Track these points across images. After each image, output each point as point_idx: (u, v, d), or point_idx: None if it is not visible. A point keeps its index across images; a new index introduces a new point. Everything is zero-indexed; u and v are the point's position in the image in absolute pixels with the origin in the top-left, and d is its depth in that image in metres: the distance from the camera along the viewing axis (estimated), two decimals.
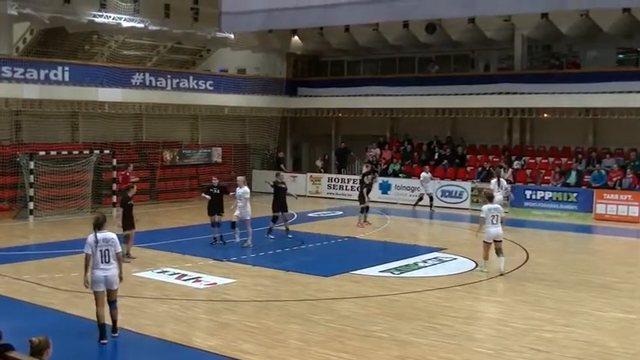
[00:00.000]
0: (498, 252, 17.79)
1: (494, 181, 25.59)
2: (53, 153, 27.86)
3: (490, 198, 18.43)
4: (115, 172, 28.88)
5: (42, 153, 27.42)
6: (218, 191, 21.78)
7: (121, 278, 12.35)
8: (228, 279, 17.03)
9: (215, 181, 22.24)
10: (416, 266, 18.72)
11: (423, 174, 31.20)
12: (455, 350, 11.71)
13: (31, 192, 26.60)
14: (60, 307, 14.25)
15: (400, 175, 34.10)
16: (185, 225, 25.71)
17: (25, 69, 27.81)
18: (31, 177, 26.61)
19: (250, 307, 14.56)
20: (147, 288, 16.30)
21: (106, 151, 29.55)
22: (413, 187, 32.66)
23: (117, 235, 12.73)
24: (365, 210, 25.78)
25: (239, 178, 22.23)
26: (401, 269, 18.24)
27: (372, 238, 23.66)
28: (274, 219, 22.91)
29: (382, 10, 21.87)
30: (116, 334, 12.48)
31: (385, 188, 33.32)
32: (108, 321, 12.33)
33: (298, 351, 11.64)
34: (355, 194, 32.56)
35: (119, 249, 12.41)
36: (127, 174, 27.00)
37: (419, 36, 33.96)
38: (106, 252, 12.12)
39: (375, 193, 32.90)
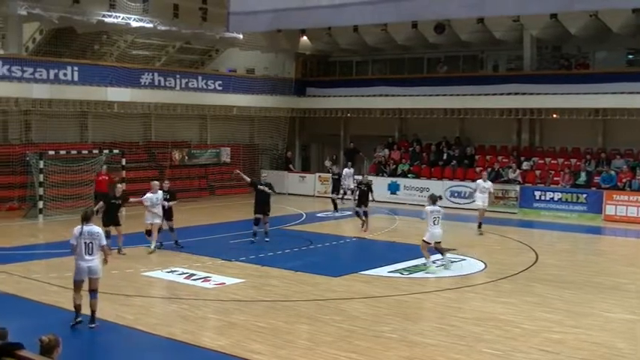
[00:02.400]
0: (442, 252, 18.50)
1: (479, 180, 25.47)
2: (62, 152, 27.96)
3: (434, 200, 18.63)
4: (123, 172, 28.93)
5: (51, 152, 27.50)
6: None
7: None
8: (237, 279, 17.04)
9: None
10: (425, 267, 18.67)
11: (347, 170, 31.22)
12: (464, 351, 11.69)
13: (41, 191, 26.67)
14: (69, 306, 14.22)
15: (409, 175, 34.07)
16: (194, 225, 25.71)
17: (34, 69, 27.88)
18: (41, 176, 26.68)
19: (259, 307, 14.57)
20: (156, 287, 16.35)
21: (115, 151, 29.61)
22: (421, 187, 32.65)
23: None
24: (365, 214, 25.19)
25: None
26: (410, 270, 18.22)
27: (380, 239, 23.65)
28: (255, 221, 22.06)
29: (391, 11, 21.81)
30: (93, 325, 12.86)
31: (394, 189, 33.30)
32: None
33: (307, 351, 11.64)
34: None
35: (104, 242, 13.05)
36: (102, 177, 26.49)
37: (428, 36, 33.91)
38: (90, 244, 12.82)
39: (384, 194, 32.97)
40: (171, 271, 17.75)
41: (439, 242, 18.23)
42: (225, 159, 35.31)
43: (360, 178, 27.01)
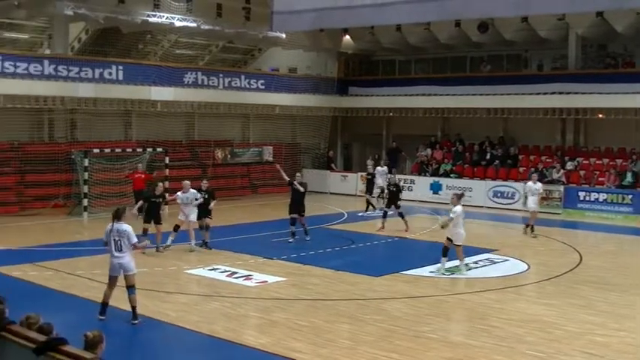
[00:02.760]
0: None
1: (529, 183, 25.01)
2: (107, 151, 28.29)
3: (460, 198, 18.52)
4: (166, 171, 29.16)
5: (96, 150, 27.84)
6: (302, 189, 21.84)
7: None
8: (279, 277, 17.10)
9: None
10: (467, 267, 18.57)
11: (379, 168, 30.99)
12: (506, 353, 11.59)
13: (85, 189, 27.00)
14: (112, 302, 14.40)
15: (451, 175, 33.88)
16: (236, 223, 25.86)
17: (80, 68, 28.28)
18: (86, 174, 27.01)
19: (300, 305, 14.60)
20: (198, 285, 16.47)
21: (159, 149, 29.88)
22: (464, 187, 32.36)
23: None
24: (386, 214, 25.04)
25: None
26: (452, 270, 18.10)
27: (422, 239, 23.55)
28: (292, 222, 22.09)
29: (434, 9, 21.70)
30: (136, 322, 13.03)
31: (436, 188, 33.14)
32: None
33: (348, 350, 11.63)
34: (407, 194, 32.50)
35: (133, 240, 13.15)
36: (137, 175, 26.65)
37: (471, 35, 33.70)
38: (119, 242, 13.05)
39: (426, 193, 32.85)
40: (214, 269, 17.86)
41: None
42: (268, 158, 35.41)
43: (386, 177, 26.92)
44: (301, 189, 21.91)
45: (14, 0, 27.07)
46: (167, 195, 21.64)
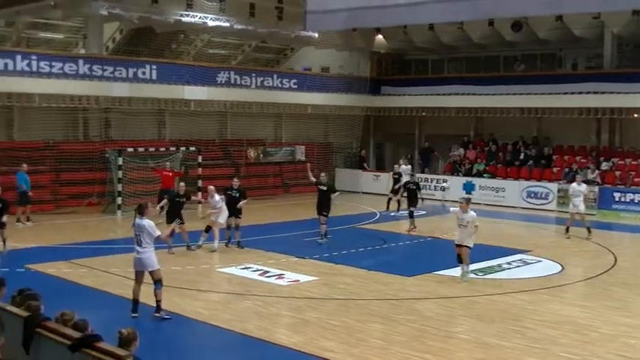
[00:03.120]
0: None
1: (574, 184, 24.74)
2: (141, 149, 28.50)
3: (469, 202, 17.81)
4: (200, 169, 29.31)
5: (130, 149, 28.06)
6: (326, 188, 21.88)
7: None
8: (311, 276, 17.11)
9: (323, 178, 22.33)
10: (500, 268, 18.47)
11: (403, 167, 31.15)
12: (539, 354, 11.50)
13: (119, 187, 27.23)
14: (145, 299, 14.50)
15: (484, 175, 33.68)
16: (268, 222, 25.92)
17: (114, 67, 28.55)
18: (120, 173, 27.24)
19: (332, 305, 14.60)
20: (231, 284, 16.53)
21: (192, 148, 30.04)
22: (497, 187, 32.29)
23: None
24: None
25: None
26: (484, 271, 18.02)
27: (455, 239, 23.38)
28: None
29: (467, 8, 21.58)
30: (158, 315, 13.22)
31: (469, 188, 32.94)
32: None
33: (380, 350, 11.61)
34: (439, 194, 32.42)
35: (156, 233, 13.33)
36: (165, 173, 26.68)
37: (505, 34, 33.47)
38: (139, 236, 13.24)
39: (459, 194, 32.64)
40: (246, 268, 17.92)
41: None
42: (300, 157, 35.45)
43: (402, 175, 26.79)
44: (325, 189, 21.90)
45: (50, 0, 27.35)
46: (193, 196, 21.69)
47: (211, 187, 20.87)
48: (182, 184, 21.28)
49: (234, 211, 20.54)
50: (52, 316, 7.51)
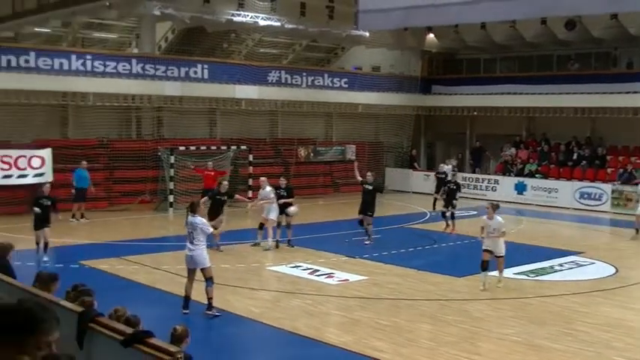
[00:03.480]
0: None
1: None
2: (192, 148, 28.74)
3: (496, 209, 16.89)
4: (250, 168, 29.47)
5: (181, 148, 28.33)
6: (371, 188, 21.84)
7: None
8: (360, 276, 17.09)
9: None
10: (552, 269, 18.24)
11: (443, 165, 31.02)
12: (592, 358, 11.34)
13: (171, 185, 27.50)
14: (196, 297, 14.63)
15: (536, 175, 33.29)
16: (318, 221, 25.96)
17: (166, 67, 28.90)
18: (171, 171, 27.52)
19: (382, 304, 14.56)
20: (281, 282, 16.58)
21: (243, 147, 30.21)
22: (550, 188, 31.89)
23: None
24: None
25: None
26: (536, 272, 17.82)
27: (506, 240, 23.13)
28: (360, 222, 21.96)
29: (521, 7, 21.36)
30: (210, 312, 13.27)
31: (521, 189, 32.61)
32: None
33: (429, 351, 11.56)
34: (490, 194, 32.11)
35: (209, 230, 13.57)
36: (207, 172, 26.78)
37: (558, 33, 33.02)
38: (191, 234, 13.40)
39: (511, 194, 32.38)
40: (296, 267, 17.97)
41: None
42: (350, 156, 35.40)
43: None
44: (370, 188, 21.82)
45: (106, 1, 27.74)
46: (237, 195, 21.77)
47: (263, 178, 21.08)
48: (225, 182, 21.30)
49: (283, 210, 20.62)
50: (104, 311, 7.60)
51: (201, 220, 13.46)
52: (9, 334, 4.12)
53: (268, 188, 20.53)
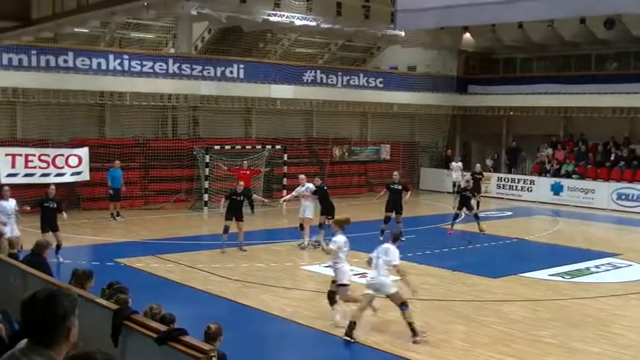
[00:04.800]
0: None
1: None
2: (227, 147, 28.87)
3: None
4: (285, 167, 29.54)
5: (217, 147, 28.46)
6: (400, 187, 21.84)
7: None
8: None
9: (396, 177, 22.32)
10: (588, 271, 18.05)
11: (454, 163, 32.00)
12: None
13: (206, 184, 27.64)
14: (231, 296, 14.74)
15: (573, 176, 32.95)
16: (353, 221, 25.82)
17: (202, 67, 29.11)
18: (207, 170, 27.66)
19: (415, 305, 14.47)
20: (314, 281, 16.60)
21: (278, 147, 30.27)
22: (586, 188, 31.55)
23: None
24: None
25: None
26: (572, 274, 17.64)
27: (541, 241, 23.01)
28: (385, 219, 22.09)
29: (561, 6, 21.07)
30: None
31: (557, 189, 32.32)
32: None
33: (463, 352, 11.51)
34: (526, 195, 31.90)
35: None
36: (243, 172, 26.85)
37: (596, 32, 32.65)
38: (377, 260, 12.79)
39: (547, 194, 32.10)
40: (329, 266, 17.92)
41: None
42: (385, 156, 35.38)
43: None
44: (399, 187, 22.07)
45: (144, 1, 27.92)
46: (254, 195, 21.85)
47: (302, 176, 21.16)
48: (241, 182, 21.26)
49: (325, 211, 20.65)
50: (138, 309, 7.68)
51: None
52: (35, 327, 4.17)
53: (307, 184, 20.59)
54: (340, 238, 13.37)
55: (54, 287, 4.60)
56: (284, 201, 22.95)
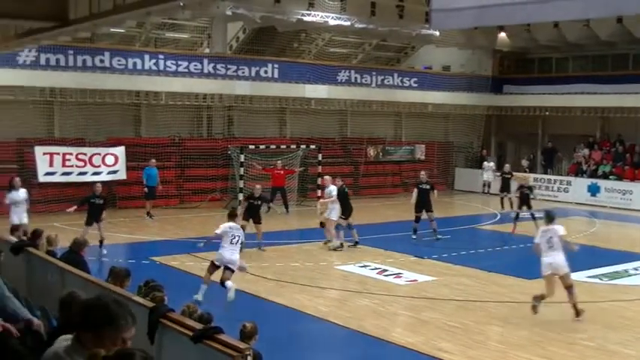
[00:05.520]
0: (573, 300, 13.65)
1: None
2: (262, 147, 28.95)
3: (551, 219, 14.45)
4: (319, 167, 29.56)
5: (251, 147, 28.54)
6: (428, 187, 21.81)
7: None
8: (429, 276, 16.98)
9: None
10: (626, 273, 17.83)
11: (485, 163, 32.71)
12: None
13: (241, 184, 27.74)
14: (265, 295, 14.76)
15: (610, 177, 32.57)
16: (387, 221, 25.88)
17: (237, 66, 29.24)
18: (241, 169, 27.75)
19: (450, 305, 14.43)
20: (349, 281, 16.57)
21: (312, 146, 30.28)
22: (624, 190, 31.16)
23: None
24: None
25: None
26: (610, 276, 17.43)
27: (578, 242, 22.71)
28: (416, 219, 22.10)
29: (600, 5, 20.84)
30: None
31: (594, 190, 31.96)
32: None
33: (498, 353, 11.42)
34: (563, 196, 31.62)
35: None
36: (276, 172, 26.94)
37: (634, 31, 32.23)
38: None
39: (584, 195, 31.79)
40: (364, 266, 17.95)
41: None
42: (420, 156, 35.26)
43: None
44: (427, 187, 22.11)
45: (180, 1, 28.10)
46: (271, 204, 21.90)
47: (327, 177, 21.14)
48: (258, 186, 21.16)
49: (345, 211, 20.59)
50: (174, 306, 7.72)
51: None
52: (87, 329, 4.24)
53: (332, 186, 20.53)
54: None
55: (109, 294, 4.71)
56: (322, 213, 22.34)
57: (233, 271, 14.00)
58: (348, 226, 20.57)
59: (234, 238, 14.07)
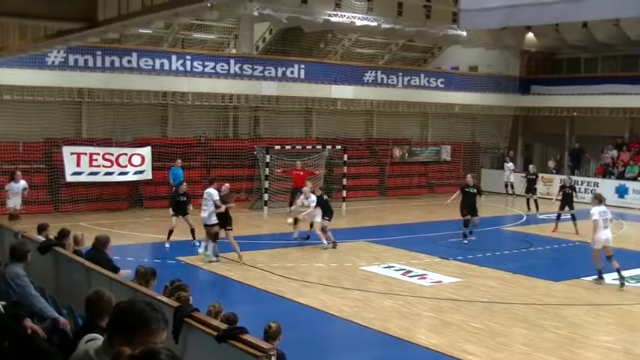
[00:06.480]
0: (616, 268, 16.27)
1: None
2: (288, 147, 29.00)
3: (600, 200, 17.01)
4: (345, 168, 29.57)
5: (277, 147, 28.61)
6: (475, 190, 21.76)
7: None
8: (454, 278, 16.93)
9: (470, 180, 22.19)
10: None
11: (506, 164, 33.07)
12: None
13: (266, 184, 27.81)
14: (289, 295, 14.79)
15: (639, 178, 32.28)
16: (412, 222, 25.84)
17: (263, 67, 29.32)
18: (267, 170, 27.82)
19: (475, 307, 14.38)
20: (373, 282, 16.55)
21: (338, 147, 30.29)
22: None
23: None
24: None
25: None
26: (637, 278, 17.28)
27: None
28: (465, 223, 21.92)
29: (632, 4, 20.68)
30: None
31: (622, 192, 31.70)
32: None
33: (523, 356, 11.37)
34: (589, 197, 31.32)
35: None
36: (296, 172, 26.77)
37: None
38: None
39: (612, 197, 31.48)
40: (389, 267, 17.93)
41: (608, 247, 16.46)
42: (446, 157, 35.15)
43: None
44: (474, 191, 21.95)
45: (207, 2, 28.22)
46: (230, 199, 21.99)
47: (306, 188, 21.00)
48: (226, 184, 20.68)
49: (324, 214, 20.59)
50: (199, 306, 7.78)
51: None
52: (119, 331, 4.30)
53: (313, 197, 20.28)
54: None
55: (146, 299, 4.80)
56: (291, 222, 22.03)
57: None
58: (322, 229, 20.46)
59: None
